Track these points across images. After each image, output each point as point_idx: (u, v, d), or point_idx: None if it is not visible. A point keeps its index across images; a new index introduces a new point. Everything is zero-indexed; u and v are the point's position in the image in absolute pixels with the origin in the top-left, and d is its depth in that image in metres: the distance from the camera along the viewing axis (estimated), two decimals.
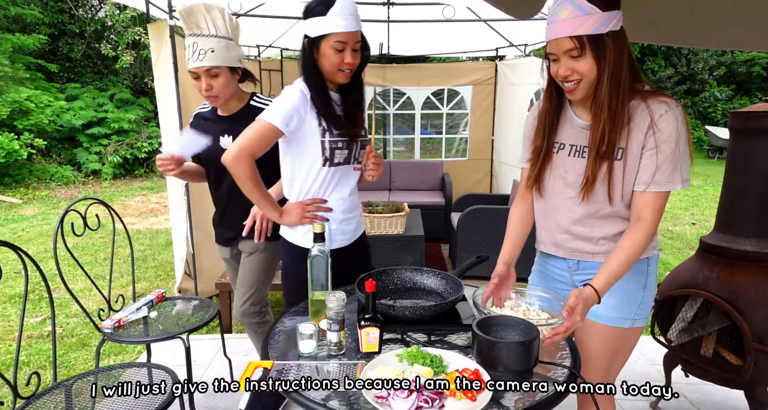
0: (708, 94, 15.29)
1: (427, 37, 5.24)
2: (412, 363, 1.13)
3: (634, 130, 1.31)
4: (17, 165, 8.98)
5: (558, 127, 1.46)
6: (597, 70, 1.28)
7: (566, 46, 1.28)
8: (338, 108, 1.69)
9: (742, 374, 1.91)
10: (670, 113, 1.29)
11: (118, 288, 4.01)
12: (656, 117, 1.30)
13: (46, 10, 11.08)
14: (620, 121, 1.30)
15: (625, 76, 1.29)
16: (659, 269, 4.80)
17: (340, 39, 1.56)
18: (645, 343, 3.06)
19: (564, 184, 1.44)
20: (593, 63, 1.27)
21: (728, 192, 2.10)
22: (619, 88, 1.28)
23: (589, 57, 1.27)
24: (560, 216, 1.47)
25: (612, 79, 1.27)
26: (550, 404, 1.03)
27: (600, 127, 1.31)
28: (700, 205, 7.72)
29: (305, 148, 1.66)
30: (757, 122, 1.96)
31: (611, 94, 1.28)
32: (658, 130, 1.29)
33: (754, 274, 1.95)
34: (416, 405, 0.99)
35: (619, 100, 1.29)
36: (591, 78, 1.29)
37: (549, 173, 1.47)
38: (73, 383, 1.69)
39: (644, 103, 1.32)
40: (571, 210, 1.44)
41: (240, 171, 1.59)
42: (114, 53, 10.74)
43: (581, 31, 1.25)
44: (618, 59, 1.27)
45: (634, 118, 1.31)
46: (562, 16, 1.27)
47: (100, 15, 11.97)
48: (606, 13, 1.24)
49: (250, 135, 1.58)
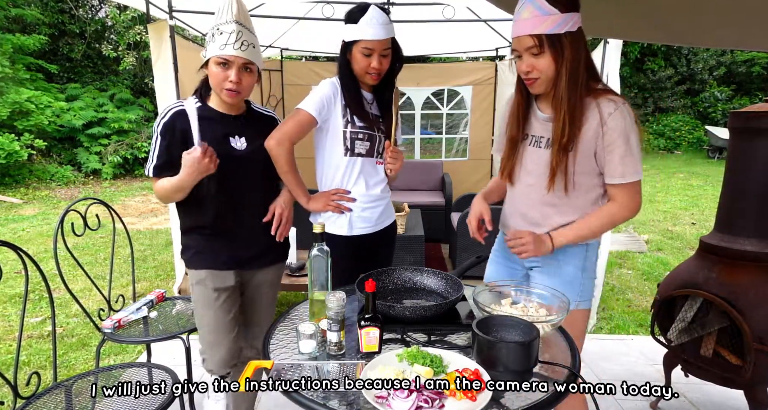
0: (708, 94, 15.30)
1: (427, 37, 5.24)
2: (412, 363, 1.13)
3: (584, 125, 1.43)
4: (17, 165, 8.99)
5: (526, 121, 1.59)
6: (555, 67, 1.39)
7: (527, 44, 1.39)
8: (368, 105, 1.88)
9: (741, 374, 1.91)
10: (617, 112, 1.41)
11: (118, 288, 4.01)
12: (605, 115, 1.41)
13: (47, 10, 11.09)
14: (579, 115, 1.42)
15: (582, 74, 1.41)
16: (659, 269, 4.81)
17: (367, 45, 1.74)
18: (645, 343, 3.07)
19: (525, 172, 1.59)
20: (551, 60, 1.39)
21: (728, 192, 2.10)
22: (577, 86, 1.40)
23: (548, 55, 1.38)
24: (519, 203, 1.63)
25: (570, 76, 1.39)
26: (550, 404, 1.03)
27: (560, 120, 1.42)
28: (700, 205, 7.72)
29: (331, 137, 1.84)
30: (757, 122, 1.96)
31: (569, 90, 1.40)
32: (609, 128, 1.41)
33: (754, 274, 1.95)
34: (416, 405, 0.99)
35: (576, 96, 1.40)
36: (549, 75, 1.41)
37: (518, 162, 1.61)
38: (73, 383, 1.69)
39: (594, 101, 1.43)
40: (528, 197, 1.59)
41: (281, 153, 1.75)
42: (115, 54, 10.74)
43: (540, 30, 1.36)
44: (575, 58, 1.38)
45: (585, 114, 1.43)
46: (523, 15, 1.38)
47: (101, 15, 11.97)
48: (564, 14, 1.35)
49: (290, 122, 1.77)
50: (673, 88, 15.10)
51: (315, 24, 4.48)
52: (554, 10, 1.35)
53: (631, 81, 15.02)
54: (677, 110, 15.33)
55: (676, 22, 2.31)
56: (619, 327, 3.47)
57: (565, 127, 1.41)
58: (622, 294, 4.16)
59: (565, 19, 1.36)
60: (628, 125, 1.41)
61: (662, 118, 15.15)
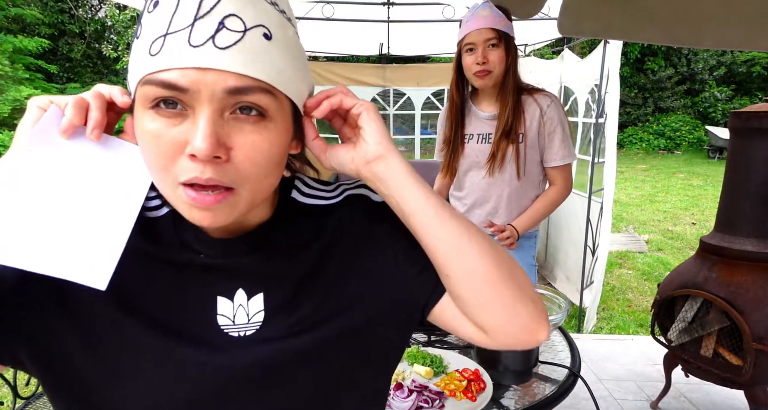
0: (708, 94, 15.29)
1: (427, 37, 5.24)
2: (412, 363, 1.13)
3: (528, 119, 1.69)
4: None
5: (465, 122, 1.78)
6: (505, 62, 1.62)
7: (487, 35, 1.60)
8: None
9: (741, 374, 1.91)
10: (553, 104, 1.69)
11: None
12: (544, 107, 1.69)
13: (46, 10, 11.08)
14: (519, 109, 1.68)
15: (518, 74, 1.68)
16: (659, 269, 4.81)
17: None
18: (645, 343, 3.07)
19: (478, 168, 1.78)
20: (504, 55, 1.62)
21: (728, 192, 2.10)
22: (517, 82, 1.67)
23: (502, 49, 1.61)
24: (474, 196, 1.81)
25: (514, 73, 1.65)
26: (550, 404, 1.03)
27: (506, 112, 1.66)
28: (700, 205, 7.72)
29: None
30: (757, 122, 1.96)
31: (513, 86, 1.65)
32: (548, 118, 1.69)
33: (754, 274, 1.95)
34: (416, 405, 0.99)
35: (517, 91, 1.67)
36: (500, 69, 1.63)
37: (463, 160, 1.80)
38: None
39: (531, 97, 1.70)
40: (483, 189, 1.79)
41: None
42: (114, 54, 10.74)
43: (499, 26, 1.60)
44: (516, 59, 1.66)
45: (527, 109, 1.69)
46: (482, 13, 1.60)
47: (100, 15, 11.97)
48: (509, 22, 1.64)
49: None
50: (673, 88, 15.10)
51: (315, 24, 4.48)
52: (503, 15, 1.62)
53: (631, 81, 15.01)
54: (677, 110, 15.32)
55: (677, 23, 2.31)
56: (619, 327, 3.47)
57: (508, 119, 1.66)
58: (622, 294, 4.16)
59: (511, 26, 1.63)
60: (562, 115, 1.71)
61: (662, 118, 15.15)
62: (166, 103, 0.46)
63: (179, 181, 0.47)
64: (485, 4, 1.62)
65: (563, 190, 1.78)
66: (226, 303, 0.56)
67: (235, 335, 0.55)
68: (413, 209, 0.55)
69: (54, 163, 0.49)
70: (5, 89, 8.92)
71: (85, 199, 0.49)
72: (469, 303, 0.56)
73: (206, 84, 0.44)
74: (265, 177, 0.50)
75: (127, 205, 0.50)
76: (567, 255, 3.89)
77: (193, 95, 0.45)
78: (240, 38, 0.45)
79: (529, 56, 5.23)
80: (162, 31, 0.45)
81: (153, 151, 0.47)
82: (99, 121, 0.49)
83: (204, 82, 0.44)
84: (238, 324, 0.55)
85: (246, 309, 0.56)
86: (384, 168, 0.55)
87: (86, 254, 0.48)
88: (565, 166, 1.76)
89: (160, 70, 0.45)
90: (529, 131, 1.69)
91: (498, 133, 1.68)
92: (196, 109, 0.45)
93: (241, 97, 0.46)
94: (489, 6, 1.61)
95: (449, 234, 0.55)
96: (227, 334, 0.55)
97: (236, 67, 0.45)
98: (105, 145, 0.51)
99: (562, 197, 1.79)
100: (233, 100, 0.46)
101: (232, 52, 0.45)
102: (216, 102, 0.45)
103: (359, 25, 4.24)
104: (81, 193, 0.49)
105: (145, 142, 0.48)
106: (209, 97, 0.45)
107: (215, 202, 0.47)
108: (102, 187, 0.50)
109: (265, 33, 0.47)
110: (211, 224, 0.49)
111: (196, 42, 0.44)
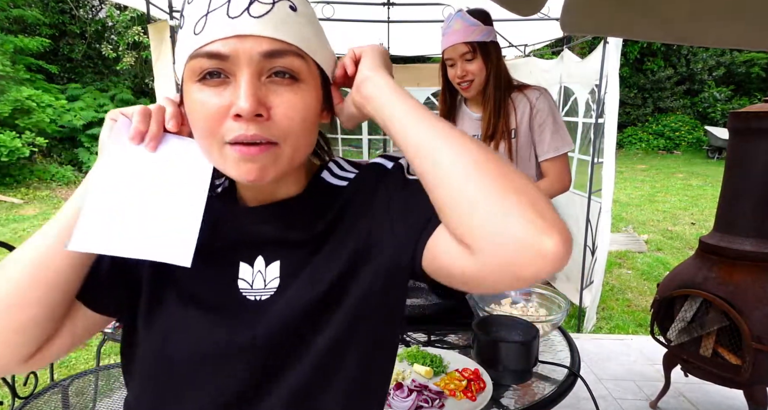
0: (707, 95, 15.29)
1: (427, 37, 5.24)
2: (412, 363, 1.13)
3: (519, 114, 1.70)
4: (19, 164, 8.98)
5: (457, 124, 1.79)
6: (485, 70, 1.64)
7: (462, 50, 1.62)
8: None
9: (741, 373, 1.91)
10: (542, 96, 1.70)
11: None
12: (533, 99, 1.70)
13: (47, 10, 11.08)
14: (504, 110, 1.69)
15: (504, 75, 1.69)
16: (659, 269, 4.82)
17: None
18: (645, 343, 3.07)
19: None
20: (483, 64, 1.64)
21: (728, 192, 2.10)
22: (501, 85, 1.68)
23: (479, 59, 1.63)
24: None
25: (495, 78, 1.66)
26: (550, 403, 1.04)
27: (488, 115, 1.69)
28: (699, 205, 7.72)
29: None
30: (757, 122, 1.96)
31: (495, 90, 1.67)
32: (538, 110, 1.69)
33: (753, 274, 1.95)
34: (416, 405, 0.99)
35: (501, 94, 1.68)
36: (481, 78, 1.66)
37: None
38: (70, 382, 1.69)
39: (521, 93, 1.72)
40: None
41: None
42: (115, 54, 10.73)
43: (472, 37, 1.60)
44: (498, 62, 1.66)
45: (519, 105, 1.71)
46: (455, 27, 1.60)
47: (101, 15, 11.97)
48: (486, 26, 1.62)
49: None
50: (672, 88, 15.09)
51: None
52: (478, 22, 1.60)
53: (630, 81, 15.01)
54: (677, 110, 15.32)
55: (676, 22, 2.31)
56: (618, 327, 3.48)
57: (490, 120, 1.68)
58: (621, 294, 4.17)
59: (489, 31, 1.63)
60: (552, 106, 1.71)
61: (662, 118, 15.15)
62: (210, 75, 0.53)
63: (225, 141, 0.53)
64: (458, 14, 1.61)
65: (555, 183, 1.72)
66: (247, 268, 0.61)
67: (252, 298, 0.60)
68: (392, 114, 0.55)
69: (131, 163, 0.57)
70: (6, 89, 8.91)
71: (160, 190, 0.57)
72: (454, 211, 0.49)
73: (245, 50, 0.51)
74: (302, 134, 0.56)
75: (195, 191, 0.58)
76: None
77: (233, 61, 0.52)
78: (270, 9, 0.52)
79: (529, 56, 5.23)
80: (203, 12, 0.52)
81: (201, 117, 0.53)
82: (155, 134, 0.57)
83: (243, 48, 0.51)
84: (255, 288, 0.61)
85: (264, 275, 0.61)
86: (371, 87, 0.58)
87: (169, 237, 0.56)
88: (559, 159, 1.71)
89: (205, 44, 0.52)
90: (521, 125, 1.70)
91: (482, 136, 1.72)
92: (237, 75, 0.52)
93: (275, 61, 0.53)
94: (461, 16, 1.60)
95: (428, 134, 0.52)
96: (245, 298, 0.60)
97: (269, 31, 0.52)
98: (169, 143, 0.59)
99: (555, 190, 1.72)
100: (269, 64, 0.53)
101: (264, 20, 0.52)
102: (254, 65, 0.52)
103: (359, 25, 4.24)
104: (156, 185, 0.57)
105: (193, 110, 0.54)
106: (248, 61, 0.52)
107: (260, 152, 0.53)
108: (172, 178, 0.58)
109: (291, 5, 0.54)
110: (257, 178, 0.54)
111: (234, 13, 0.51)
